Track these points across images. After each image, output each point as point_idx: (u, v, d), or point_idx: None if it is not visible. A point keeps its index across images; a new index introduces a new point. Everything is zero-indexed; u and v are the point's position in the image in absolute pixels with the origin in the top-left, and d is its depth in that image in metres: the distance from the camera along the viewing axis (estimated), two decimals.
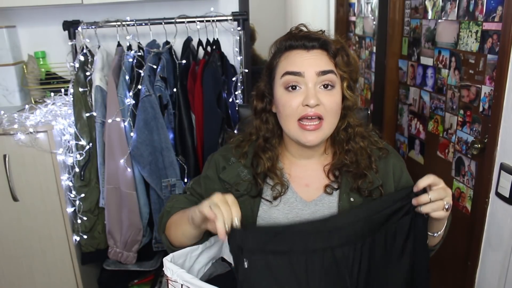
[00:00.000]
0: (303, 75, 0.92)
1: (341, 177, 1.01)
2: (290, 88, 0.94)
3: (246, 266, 0.82)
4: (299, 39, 0.96)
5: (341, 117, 0.99)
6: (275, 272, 0.83)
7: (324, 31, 1.00)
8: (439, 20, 1.87)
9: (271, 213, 1.00)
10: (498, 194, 1.43)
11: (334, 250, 0.85)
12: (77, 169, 1.66)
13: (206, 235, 0.99)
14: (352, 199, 0.99)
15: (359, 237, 0.87)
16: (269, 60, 1.02)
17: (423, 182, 0.85)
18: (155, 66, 1.66)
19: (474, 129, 1.67)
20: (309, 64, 0.93)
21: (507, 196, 1.38)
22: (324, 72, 0.93)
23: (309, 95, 0.91)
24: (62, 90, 1.85)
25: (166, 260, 0.88)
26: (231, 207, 0.82)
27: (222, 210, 0.81)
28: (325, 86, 0.94)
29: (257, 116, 1.05)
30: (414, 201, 0.87)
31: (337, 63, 0.96)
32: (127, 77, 1.65)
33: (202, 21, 1.72)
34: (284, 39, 0.98)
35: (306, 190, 1.02)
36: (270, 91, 1.01)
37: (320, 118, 0.93)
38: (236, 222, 0.81)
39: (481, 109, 1.61)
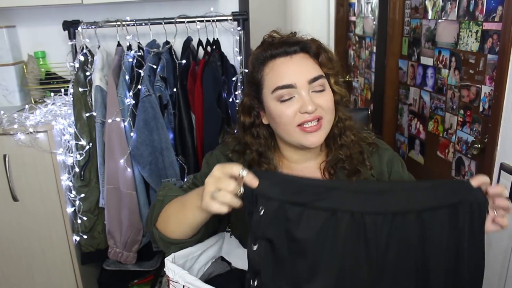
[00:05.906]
0: (295, 86, 0.92)
1: (336, 176, 1.02)
2: (284, 98, 0.94)
3: (261, 213, 0.74)
4: (279, 46, 0.95)
5: None
6: (291, 223, 0.75)
7: (295, 32, 1.00)
8: (439, 20, 1.87)
9: None
10: None
11: (364, 217, 0.75)
12: (77, 169, 1.66)
13: (206, 232, 0.98)
14: None
15: (398, 209, 0.76)
16: (250, 73, 1.00)
17: (496, 190, 0.80)
18: (155, 66, 1.66)
19: (474, 129, 1.67)
20: (298, 72, 0.93)
21: (507, 196, 1.38)
22: (314, 79, 0.93)
23: (306, 103, 0.92)
24: (62, 90, 1.85)
25: (168, 261, 0.88)
26: (228, 172, 0.75)
27: (224, 187, 0.75)
28: (317, 89, 0.94)
29: (246, 132, 1.04)
30: (490, 189, 0.79)
31: (321, 62, 0.96)
32: (127, 77, 1.65)
33: (202, 21, 1.72)
34: (263, 50, 0.96)
35: None
36: (259, 105, 1.00)
37: (319, 119, 0.94)
38: (244, 173, 0.74)
39: (481, 109, 1.61)
